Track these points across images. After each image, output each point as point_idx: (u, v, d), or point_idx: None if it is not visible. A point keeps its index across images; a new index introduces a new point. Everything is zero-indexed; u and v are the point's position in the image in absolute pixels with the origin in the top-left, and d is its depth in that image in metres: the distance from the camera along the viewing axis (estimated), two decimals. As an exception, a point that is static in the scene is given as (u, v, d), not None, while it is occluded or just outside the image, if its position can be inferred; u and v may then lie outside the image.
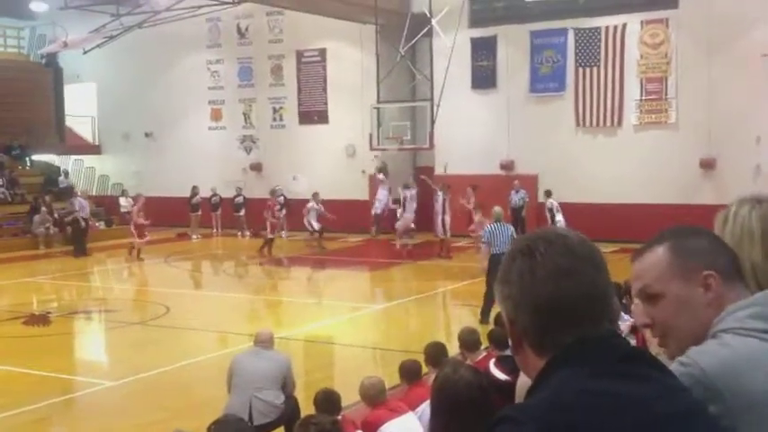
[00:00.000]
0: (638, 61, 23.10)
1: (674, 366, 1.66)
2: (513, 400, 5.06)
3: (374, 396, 6.46)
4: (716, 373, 1.63)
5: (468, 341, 7.51)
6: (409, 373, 6.98)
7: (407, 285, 18.43)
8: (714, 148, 22.01)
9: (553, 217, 20.93)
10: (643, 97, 23.18)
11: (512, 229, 14.55)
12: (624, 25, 23.10)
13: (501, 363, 5.90)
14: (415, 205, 22.30)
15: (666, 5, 22.62)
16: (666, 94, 22.88)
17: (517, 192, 23.03)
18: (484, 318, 13.39)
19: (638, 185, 22.65)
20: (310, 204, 23.04)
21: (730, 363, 1.65)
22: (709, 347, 1.70)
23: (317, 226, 22.96)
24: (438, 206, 21.38)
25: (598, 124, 23.76)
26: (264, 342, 8.09)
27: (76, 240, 23.72)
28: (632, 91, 23.24)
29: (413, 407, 6.38)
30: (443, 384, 3.42)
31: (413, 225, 22.56)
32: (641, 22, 23.00)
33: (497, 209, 14.81)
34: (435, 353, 7.19)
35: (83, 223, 23.88)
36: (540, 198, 24.06)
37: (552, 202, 21.48)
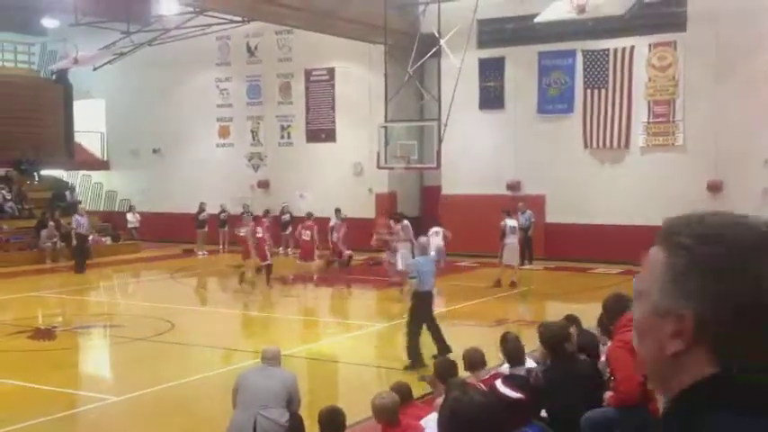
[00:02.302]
0: (645, 84, 23.14)
1: None
2: (527, 417, 5.02)
3: (389, 415, 6.38)
4: None
5: (474, 360, 7.48)
6: (401, 396, 6.90)
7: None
8: (721, 170, 21.99)
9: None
10: (650, 119, 23.21)
11: (433, 261, 13.22)
12: (632, 48, 23.17)
13: (509, 381, 5.89)
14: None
15: (674, 29, 22.69)
16: (674, 117, 22.90)
17: (523, 213, 23.00)
18: (414, 360, 11.85)
19: (645, 207, 22.57)
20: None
21: None
22: None
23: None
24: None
25: (606, 146, 23.77)
26: (271, 359, 8.05)
27: (75, 257, 23.64)
28: (640, 113, 23.26)
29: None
30: (455, 406, 3.41)
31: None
32: (649, 44, 23.06)
33: (423, 240, 13.65)
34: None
35: (74, 240, 23.68)
36: (548, 218, 24.07)
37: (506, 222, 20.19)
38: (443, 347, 11.96)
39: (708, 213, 1.35)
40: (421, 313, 12.35)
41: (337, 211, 22.73)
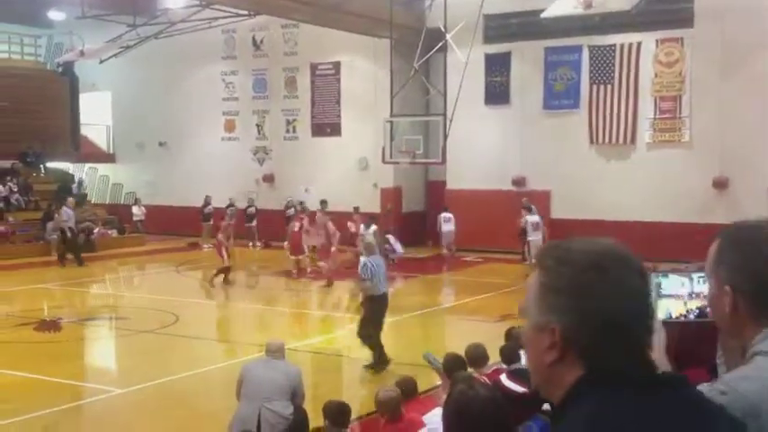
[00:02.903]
0: (652, 79, 23.08)
1: (711, 394, 1.69)
2: (532, 411, 5.03)
3: (392, 409, 6.40)
4: (755, 398, 1.70)
5: (476, 356, 7.46)
6: (407, 390, 6.90)
7: (416, 299, 18.37)
8: (727, 167, 21.93)
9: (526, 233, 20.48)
10: (657, 116, 23.14)
11: (383, 261, 12.35)
12: (639, 43, 23.10)
13: (514, 375, 5.89)
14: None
15: (682, 25, 22.61)
16: (680, 113, 22.84)
17: (527, 208, 22.98)
18: (380, 362, 11.62)
19: (650, 203, 22.59)
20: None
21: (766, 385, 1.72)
22: (744, 372, 1.77)
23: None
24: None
25: (611, 142, 23.72)
26: (275, 352, 8.08)
27: (69, 250, 23.47)
28: (646, 109, 23.21)
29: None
30: (460, 401, 3.41)
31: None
32: (656, 40, 22.99)
33: (369, 239, 13.00)
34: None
35: (69, 233, 23.59)
36: (553, 214, 24.05)
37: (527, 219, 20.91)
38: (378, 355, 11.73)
39: (579, 239, 1.54)
40: (378, 317, 11.86)
41: (323, 202, 22.81)
